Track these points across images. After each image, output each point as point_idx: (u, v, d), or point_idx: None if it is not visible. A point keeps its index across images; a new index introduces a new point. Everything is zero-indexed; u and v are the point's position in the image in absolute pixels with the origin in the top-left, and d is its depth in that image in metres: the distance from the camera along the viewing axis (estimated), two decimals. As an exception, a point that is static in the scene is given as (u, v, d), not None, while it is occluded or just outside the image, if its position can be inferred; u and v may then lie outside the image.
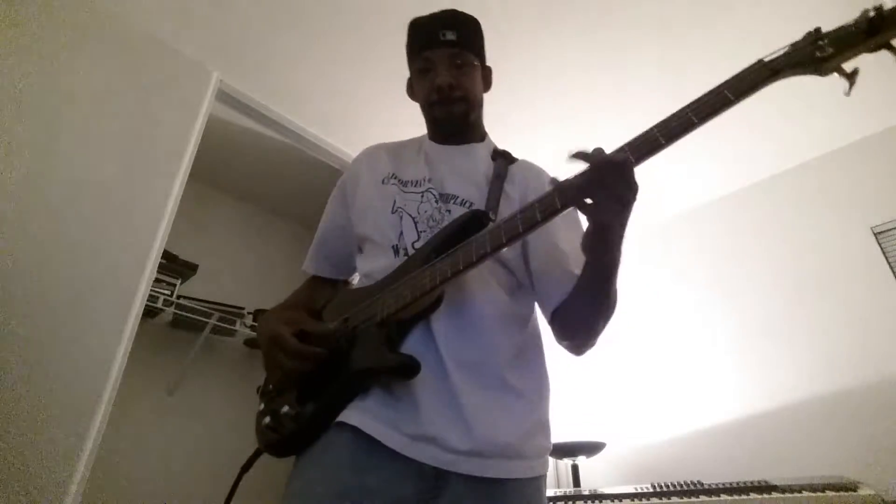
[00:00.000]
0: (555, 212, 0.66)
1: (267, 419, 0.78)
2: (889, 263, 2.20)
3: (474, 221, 0.79)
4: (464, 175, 0.92)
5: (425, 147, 0.99)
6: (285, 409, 0.76)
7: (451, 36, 0.92)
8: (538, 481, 0.77)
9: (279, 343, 0.78)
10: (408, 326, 0.76)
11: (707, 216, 2.88)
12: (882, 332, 2.10)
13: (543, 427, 0.80)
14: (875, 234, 2.27)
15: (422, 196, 0.88)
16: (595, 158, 0.63)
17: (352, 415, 0.72)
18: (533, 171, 0.96)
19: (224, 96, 2.11)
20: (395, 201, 0.89)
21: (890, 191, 2.29)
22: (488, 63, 1.01)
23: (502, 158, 0.95)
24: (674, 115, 0.63)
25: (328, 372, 0.77)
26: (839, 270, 2.30)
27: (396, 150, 1.02)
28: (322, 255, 1.03)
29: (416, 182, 0.91)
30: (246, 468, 0.84)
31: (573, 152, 0.65)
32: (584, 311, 0.80)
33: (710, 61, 2.04)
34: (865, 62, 0.59)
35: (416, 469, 0.68)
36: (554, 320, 0.85)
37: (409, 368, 0.70)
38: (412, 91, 1.02)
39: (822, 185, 2.51)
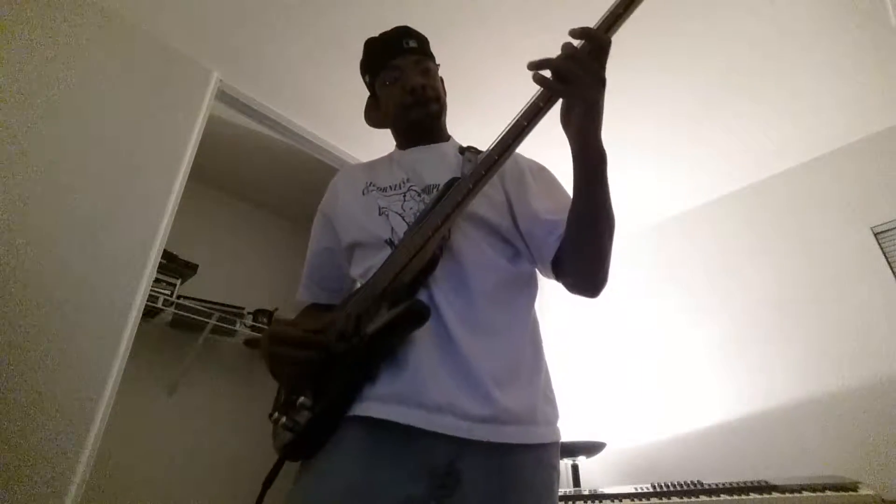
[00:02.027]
0: (522, 130, 0.71)
1: (283, 420, 0.77)
2: (889, 263, 2.20)
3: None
4: (438, 166, 0.93)
5: (395, 157, 1.01)
6: (301, 399, 0.75)
7: (413, 43, 0.98)
8: (550, 451, 0.77)
9: (281, 338, 0.76)
10: (410, 290, 0.76)
11: (709, 216, 2.88)
12: (882, 331, 2.10)
13: (547, 397, 0.81)
14: (875, 234, 2.27)
15: (403, 196, 0.90)
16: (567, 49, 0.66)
17: (360, 406, 0.71)
18: None
19: (224, 96, 2.11)
20: (379, 205, 0.90)
21: (890, 191, 2.29)
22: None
23: (470, 152, 0.97)
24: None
25: (342, 363, 0.75)
26: (839, 270, 2.30)
27: (370, 166, 1.04)
28: (314, 282, 1.02)
29: (395, 185, 0.93)
30: (268, 482, 0.79)
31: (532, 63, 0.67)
32: (587, 231, 0.78)
33: (708, 49, 2.04)
34: (865, 62, 0.57)
35: (427, 466, 0.67)
36: (559, 266, 0.84)
37: (418, 313, 0.69)
38: (373, 113, 1.06)
39: (821, 185, 2.51)
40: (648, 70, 2.11)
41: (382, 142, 1.09)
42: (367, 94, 1.07)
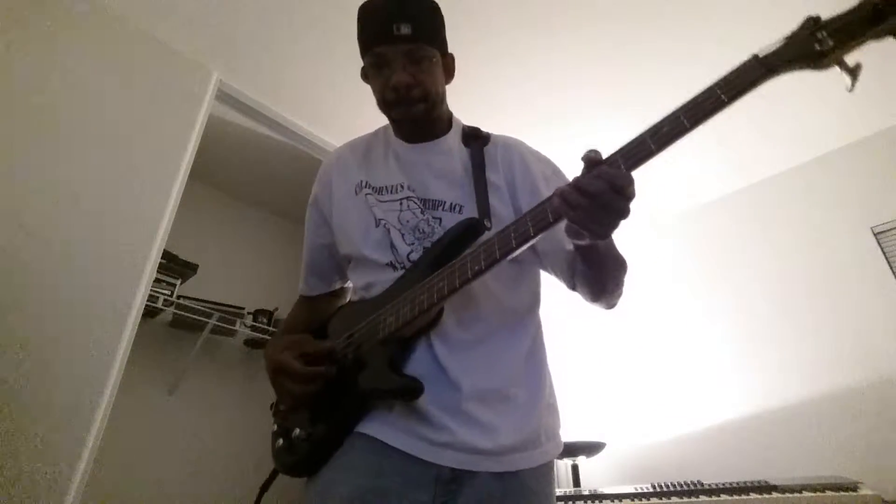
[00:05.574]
0: (547, 225, 0.65)
1: (280, 441, 0.80)
2: (889, 263, 2.20)
3: (470, 230, 0.78)
4: (443, 175, 0.88)
5: (393, 146, 0.93)
6: (297, 432, 0.78)
7: (406, 30, 0.80)
8: (547, 466, 0.79)
9: (284, 371, 0.78)
10: (410, 343, 0.77)
11: (707, 216, 2.88)
12: (882, 332, 2.10)
13: (550, 408, 0.82)
14: (875, 234, 2.27)
15: (400, 204, 0.86)
16: (591, 184, 0.60)
17: (371, 426, 0.74)
18: (510, 148, 0.92)
19: (224, 96, 2.11)
20: (374, 214, 0.86)
21: (890, 191, 2.29)
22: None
23: (474, 140, 0.91)
24: (665, 119, 0.60)
25: (337, 390, 0.78)
26: (839, 270, 2.30)
27: (364, 151, 0.97)
28: (314, 275, 1.01)
29: (392, 188, 0.88)
30: (265, 487, 0.84)
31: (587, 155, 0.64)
32: (594, 279, 0.80)
33: (708, 52, 2.04)
34: (865, 62, 0.56)
35: (433, 474, 0.69)
36: (575, 289, 0.86)
37: (412, 391, 0.71)
38: (367, 78, 0.93)
39: (822, 185, 2.51)
40: (639, 76, 2.10)
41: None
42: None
